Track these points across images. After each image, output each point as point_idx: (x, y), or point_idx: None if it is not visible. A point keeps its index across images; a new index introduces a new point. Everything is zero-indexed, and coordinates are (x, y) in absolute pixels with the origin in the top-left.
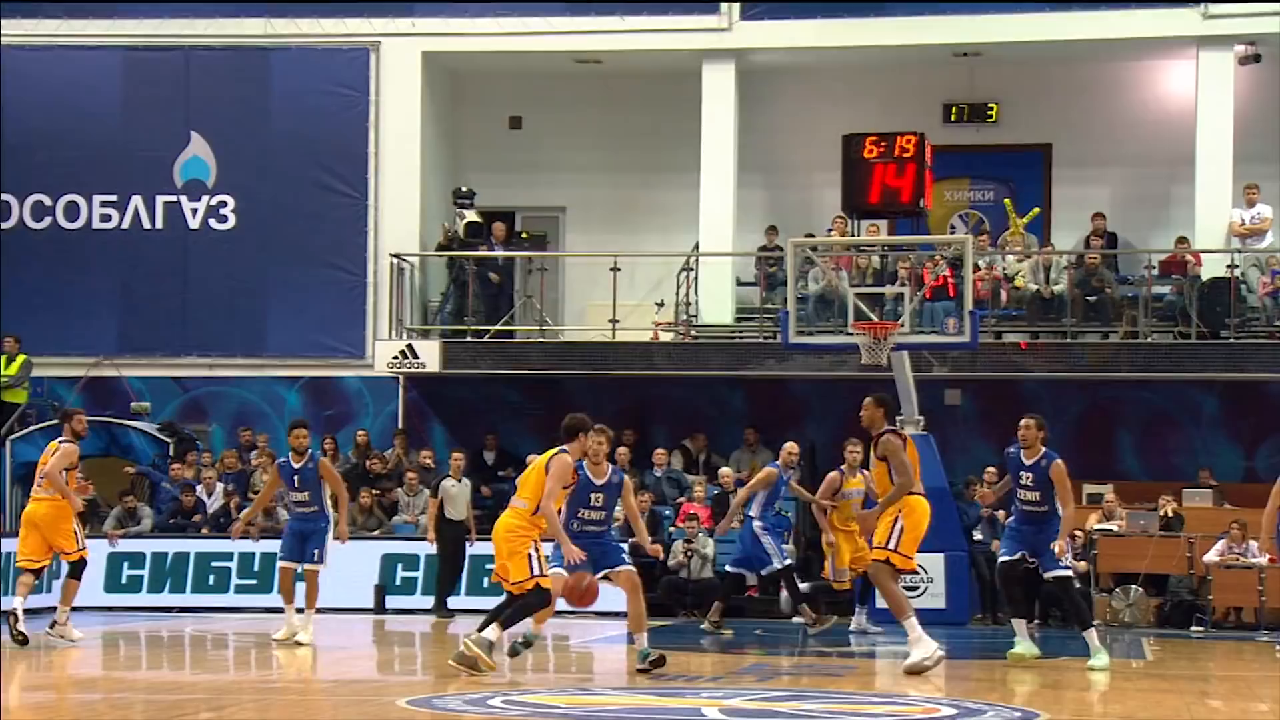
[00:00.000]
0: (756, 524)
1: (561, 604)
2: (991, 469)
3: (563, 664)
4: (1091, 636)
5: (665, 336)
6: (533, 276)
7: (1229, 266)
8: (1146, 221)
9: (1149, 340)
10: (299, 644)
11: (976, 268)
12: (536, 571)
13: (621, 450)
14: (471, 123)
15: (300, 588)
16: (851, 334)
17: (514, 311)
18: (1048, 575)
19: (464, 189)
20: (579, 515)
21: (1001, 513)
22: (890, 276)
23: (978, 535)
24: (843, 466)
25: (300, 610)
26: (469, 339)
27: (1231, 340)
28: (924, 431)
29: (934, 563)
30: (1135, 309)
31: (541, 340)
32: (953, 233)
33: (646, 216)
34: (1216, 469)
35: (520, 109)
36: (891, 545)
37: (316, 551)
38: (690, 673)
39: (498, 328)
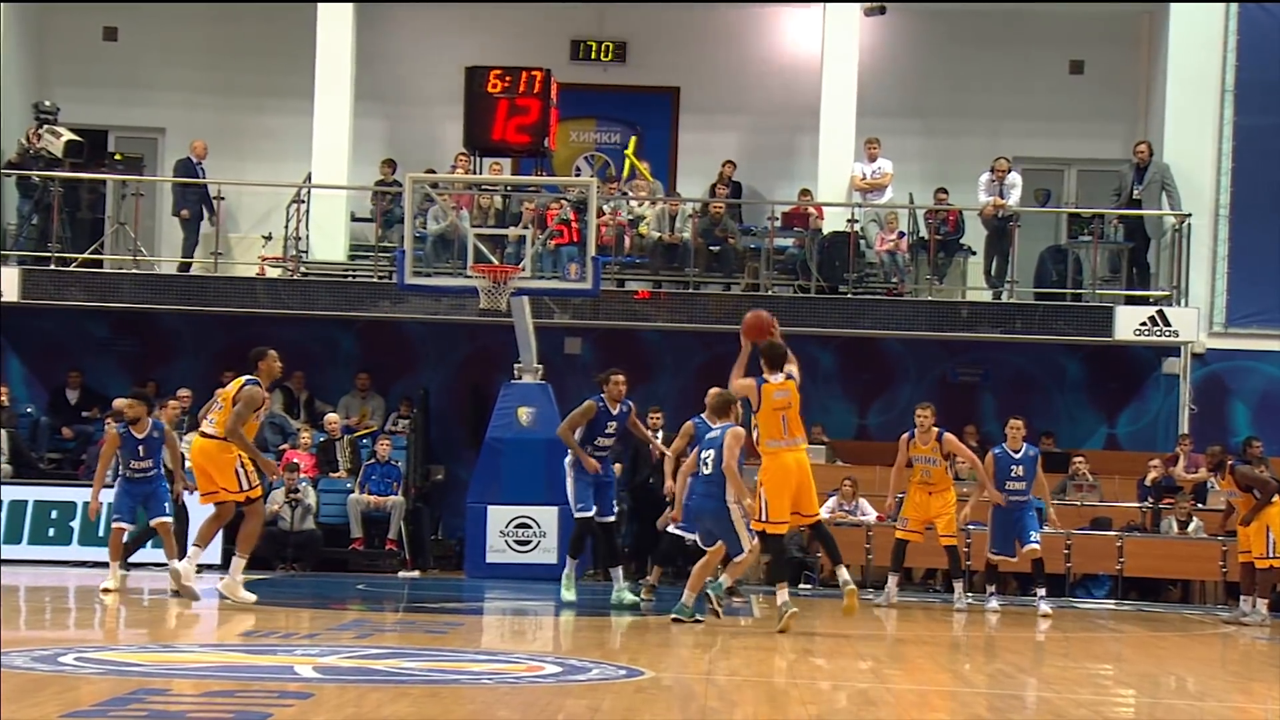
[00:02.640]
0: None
1: None
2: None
3: (150, 620)
4: (564, 569)
5: (272, 272)
6: (127, 202)
7: (849, 221)
8: (772, 172)
9: (769, 293)
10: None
11: (601, 213)
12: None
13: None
14: (60, 32)
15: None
16: (470, 276)
17: (104, 239)
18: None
19: (47, 104)
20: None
21: (618, 466)
22: (513, 218)
23: None
24: (915, 430)
25: (118, 566)
26: (52, 267)
27: (849, 296)
28: (542, 381)
29: (547, 516)
30: (757, 261)
31: (135, 271)
32: (577, 175)
33: (255, 143)
34: (829, 425)
35: (115, 19)
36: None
37: (166, 505)
38: (285, 629)
39: (85, 256)
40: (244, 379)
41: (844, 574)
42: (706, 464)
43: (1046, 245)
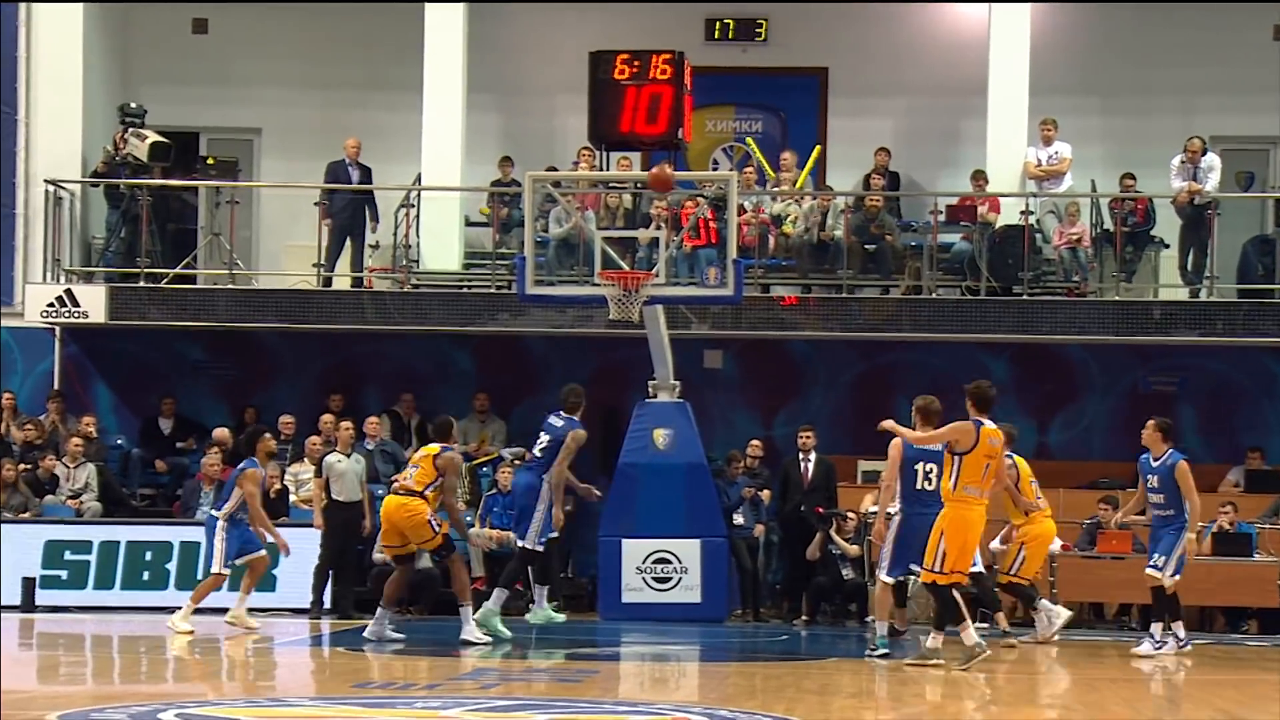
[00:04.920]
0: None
1: None
2: (757, 441)
3: (255, 670)
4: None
5: (380, 285)
6: (221, 211)
7: (1023, 213)
8: (933, 160)
9: (934, 296)
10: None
11: (742, 210)
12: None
13: (327, 418)
14: (146, 26)
15: None
16: (598, 284)
17: (197, 252)
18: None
19: (133, 105)
20: None
21: (766, 493)
22: (644, 219)
23: (739, 519)
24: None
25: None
26: (141, 284)
27: (1025, 297)
28: (680, 399)
29: (689, 550)
30: (919, 260)
31: (231, 287)
32: (715, 169)
33: (359, 142)
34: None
35: (206, 10)
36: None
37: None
38: (402, 679)
39: (177, 271)
40: (438, 447)
41: (936, 641)
42: (930, 479)
43: (1250, 235)
